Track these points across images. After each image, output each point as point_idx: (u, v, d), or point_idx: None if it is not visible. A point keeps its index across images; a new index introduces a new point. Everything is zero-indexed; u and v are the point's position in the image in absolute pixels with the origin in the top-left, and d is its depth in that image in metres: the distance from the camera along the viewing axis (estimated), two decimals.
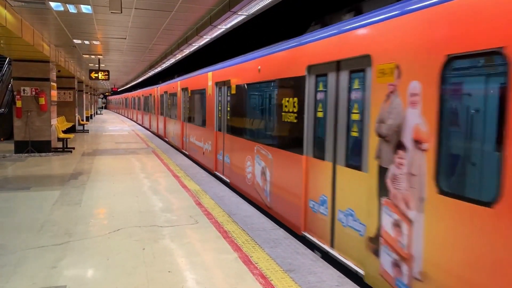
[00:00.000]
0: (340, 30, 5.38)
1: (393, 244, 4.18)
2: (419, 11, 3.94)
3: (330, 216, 5.58)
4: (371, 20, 4.74)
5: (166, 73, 25.87)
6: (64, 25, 11.41)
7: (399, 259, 4.08)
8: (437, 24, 3.68)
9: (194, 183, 9.81)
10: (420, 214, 3.80)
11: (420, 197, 3.81)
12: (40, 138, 14.82)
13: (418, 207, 3.84)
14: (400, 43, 4.15)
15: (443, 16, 3.62)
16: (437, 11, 3.69)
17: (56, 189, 8.95)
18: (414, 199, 3.88)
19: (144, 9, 9.44)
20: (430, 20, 3.77)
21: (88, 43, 14.77)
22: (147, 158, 13.94)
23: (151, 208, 7.45)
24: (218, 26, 10.02)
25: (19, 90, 14.43)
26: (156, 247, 5.51)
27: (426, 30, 3.80)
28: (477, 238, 3.21)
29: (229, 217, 6.99)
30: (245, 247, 5.55)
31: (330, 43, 5.61)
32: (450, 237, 3.46)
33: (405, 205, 4.01)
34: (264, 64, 7.92)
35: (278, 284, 4.43)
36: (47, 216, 6.89)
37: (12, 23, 9.35)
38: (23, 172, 11.16)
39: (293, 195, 6.57)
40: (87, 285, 4.36)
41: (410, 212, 3.94)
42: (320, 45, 5.87)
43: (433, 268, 3.64)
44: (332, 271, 4.85)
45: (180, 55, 16.06)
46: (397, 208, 4.13)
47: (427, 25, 3.79)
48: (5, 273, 4.62)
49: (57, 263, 4.92)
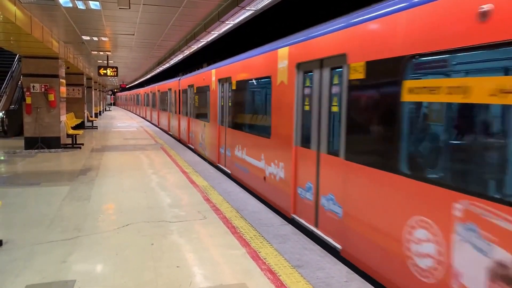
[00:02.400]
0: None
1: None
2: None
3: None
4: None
5: (174, 70, 25.92)
6: (72, 21, 11.45)
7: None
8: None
9: (202, 178, 9.82)
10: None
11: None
12: (49, 134, 14.93)
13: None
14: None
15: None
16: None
17: (65, 185, 9.01)
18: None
19: (152, 5, 9.44)
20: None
21: (96, 40, 14.83)
22: (155, 154, 13.98)
23: (159, 204, 7.47)
24: (226, 22, 9.99)
25: (29, 87, 14.54)
26: (165, 242, 5.52)
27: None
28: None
29: (237, 212, 6.98)
30: (253, 242, 5.54)
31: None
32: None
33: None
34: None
35: (287, 280, 4.41)
36: (56, 211, 6.94)
37: (21, 20, 9.40)
38: (33, 168, 11.25)
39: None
40: (96, 280, 4.38)
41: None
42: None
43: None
44: (341, 266, 4.82)
45: (188, 51, 16.07)
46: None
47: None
48: (15, 267, 4.66)
49: (66, 257, 4.94)
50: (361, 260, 4.84)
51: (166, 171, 10.81)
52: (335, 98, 5.61)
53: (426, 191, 3.76)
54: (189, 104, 16.77)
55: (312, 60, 6.16)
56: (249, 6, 8.39)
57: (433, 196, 3.67)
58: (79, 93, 23.75)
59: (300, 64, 6.62)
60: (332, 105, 5.69)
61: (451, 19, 3.56)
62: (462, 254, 3.37)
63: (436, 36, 3.71)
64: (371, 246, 4.63)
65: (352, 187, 5.03)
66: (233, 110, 10.67)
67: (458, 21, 3.48)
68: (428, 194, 3.73)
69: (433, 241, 3.67)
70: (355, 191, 4.95)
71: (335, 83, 5.59)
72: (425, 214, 3.78)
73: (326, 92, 5.85)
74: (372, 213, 4.59)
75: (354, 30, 5.05)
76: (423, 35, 3.87)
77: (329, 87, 5.75)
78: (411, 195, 3.96)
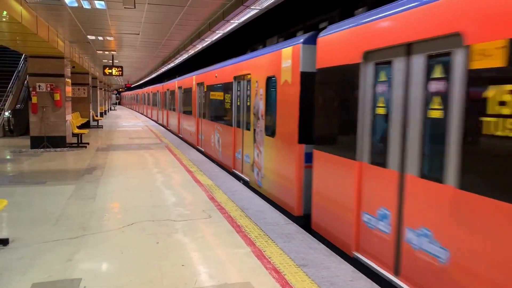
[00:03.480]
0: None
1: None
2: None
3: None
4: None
5: (178, 69, 25.97)
6: (78, 21, 11.50)
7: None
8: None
9: (207, 178, 9.83)
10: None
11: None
12: (55, 134, 15.01)
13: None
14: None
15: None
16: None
17: (71, 183, 9.05)
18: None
19: (157, 4, 9.45)
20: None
21: (101, 39, 14.87)
22: (160, 153, 14.01)
23: (164, 203, 7.49)
24: (231, 21, 10.00)
25: (35, 86, 14.62)
26: (170, 241, 5.53)
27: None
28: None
29: (242, 211, 6.99)
30: (258, 241, 5.54)
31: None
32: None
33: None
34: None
35: (292, 279, 4.41)
36: (62, 210, 6.98)
37: (27, 19, 9.45)
38: (39, 167, 11.31)
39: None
40: (101, 278, 4.40)
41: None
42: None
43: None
44: (346, 266, 4.81)
45: (193, 51, 16.09)
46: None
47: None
48: (22, 265, 4.69)
49: (72, 256, 4.97)
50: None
51: (171, 170, 10.84)
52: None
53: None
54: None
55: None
56: (254, 5, 8.39)
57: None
58: (85, 92, 23.86)
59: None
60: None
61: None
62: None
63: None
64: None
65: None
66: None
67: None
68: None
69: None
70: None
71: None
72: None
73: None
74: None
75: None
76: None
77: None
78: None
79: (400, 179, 4.38)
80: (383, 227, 4.63)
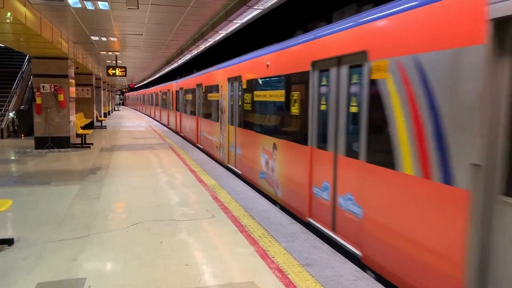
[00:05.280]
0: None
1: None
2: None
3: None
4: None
5: (181, 70, 26.02)
6: (81, 22, 11.54)
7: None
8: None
9: (210, 177, 9.86)
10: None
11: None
12: (59, 134, 15.07)
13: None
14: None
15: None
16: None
17: (76, 183, 9.09)
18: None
19: (160, 4, 9.48)
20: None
21: (105, 40, 14.92)
22: (164, 153, 14.05)
23: (168, 202, 7.51)
24: (234, 21, 10.01)
25: (39, 87, 14.69)
26: (174, 240, 5.55)
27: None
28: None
29: (246, 211, 7.00)
30: (261, 241, 5.55)
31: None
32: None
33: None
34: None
35: (295, 278, 4.42)
36: (67, 210, 7.01)
37: (31, 20, 9.51)
38: (43, 167, 11.37)
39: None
40: (106, 278, 4.42)
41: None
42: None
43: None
44: (349, 265, 4.82)
45: (196, 51, 16.11)
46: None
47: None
48: (27, 265, 4.72)
49: (77, 255, 5.00)
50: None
51: (175, 170, 10.87)
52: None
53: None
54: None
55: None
56: (257, 5, 8.39)
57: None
58: (88, 93, 23.93)
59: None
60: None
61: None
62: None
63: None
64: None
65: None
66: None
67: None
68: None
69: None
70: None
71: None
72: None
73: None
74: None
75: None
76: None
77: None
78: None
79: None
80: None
